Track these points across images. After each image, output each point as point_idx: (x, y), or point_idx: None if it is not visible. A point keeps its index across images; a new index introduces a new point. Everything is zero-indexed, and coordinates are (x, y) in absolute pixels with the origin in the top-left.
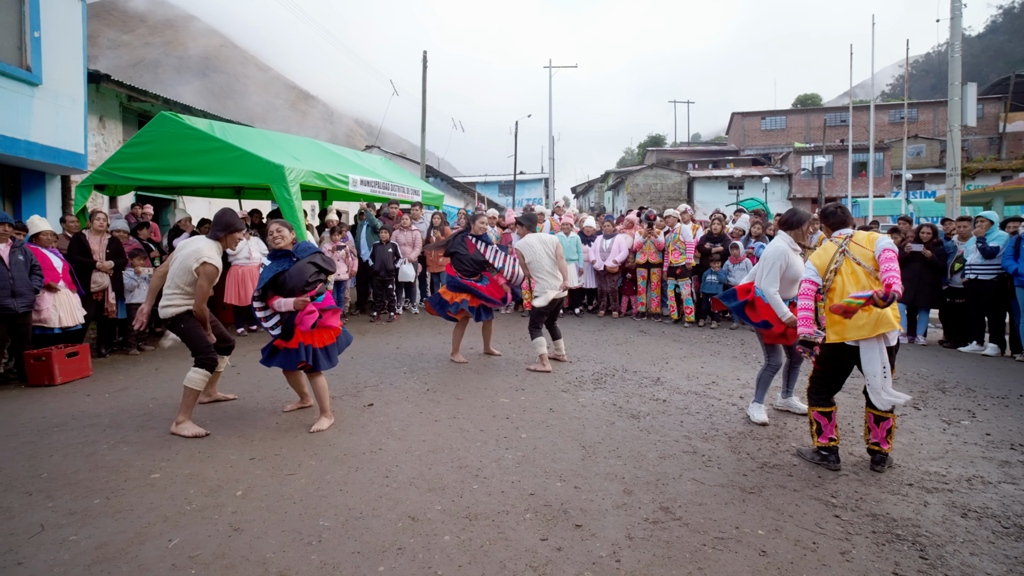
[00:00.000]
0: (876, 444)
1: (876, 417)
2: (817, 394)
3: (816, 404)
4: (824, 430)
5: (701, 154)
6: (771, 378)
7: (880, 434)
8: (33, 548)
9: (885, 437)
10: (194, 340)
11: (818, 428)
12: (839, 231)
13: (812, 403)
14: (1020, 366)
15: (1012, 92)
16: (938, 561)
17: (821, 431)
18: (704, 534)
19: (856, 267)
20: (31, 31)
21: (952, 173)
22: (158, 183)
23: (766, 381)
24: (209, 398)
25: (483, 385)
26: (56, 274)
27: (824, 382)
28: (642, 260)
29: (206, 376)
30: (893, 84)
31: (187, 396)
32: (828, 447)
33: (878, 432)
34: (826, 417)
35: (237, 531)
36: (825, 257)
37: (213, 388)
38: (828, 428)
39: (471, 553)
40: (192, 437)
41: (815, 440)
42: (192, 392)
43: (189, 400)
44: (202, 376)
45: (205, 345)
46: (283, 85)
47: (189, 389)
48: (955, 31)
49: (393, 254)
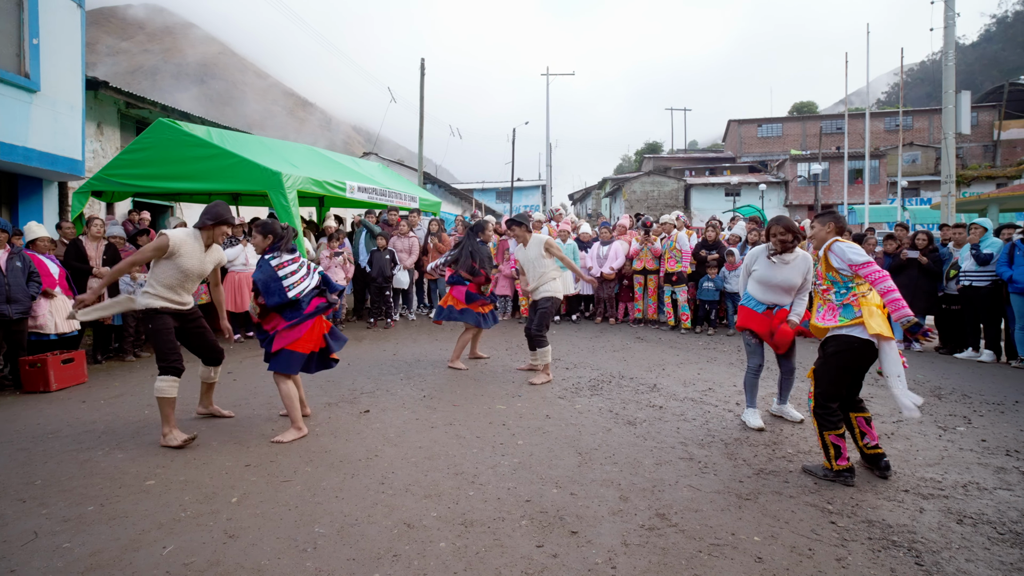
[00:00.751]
0: (876, 447)
1: (866, 419)
2: (830, 417)
3: (831, 428)
4: (843, 452)
5: (698, 161)
6: (754, 380)
7: (875, 434)
8: (26, 555)
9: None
10: (159, 344)
11: (836, 451)
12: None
13: (826, 428)
14: (1015, 372)
15: (1006, 100)
16: (934, 567)
17: (840, 454)
18: (700, 541)
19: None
20: (30, 38)
21: (947, 180)
22: (155, 190)
23: (751, 384)
24: (205, 410)
25: (480, 392)
26: (53, 280)
27: (836, 396)
28: (639, 267)
29: (172, 382)
30: (888, 92)
31: (162, 407)
32: (849, 468)
33: (872, 433)
34: (842, 439)
35: (232, 538)
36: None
37: (209, 400)
38: (845, 448)
39: (467, 560)
40: (182, 444)
41: (834, 464)
42: (165, 401)
43: (166, 411)
44: (168, 383)
45: (169, 350)
46: (281, 92)
47: (161, 399)
48: (949, 40)
49: (390, 260)
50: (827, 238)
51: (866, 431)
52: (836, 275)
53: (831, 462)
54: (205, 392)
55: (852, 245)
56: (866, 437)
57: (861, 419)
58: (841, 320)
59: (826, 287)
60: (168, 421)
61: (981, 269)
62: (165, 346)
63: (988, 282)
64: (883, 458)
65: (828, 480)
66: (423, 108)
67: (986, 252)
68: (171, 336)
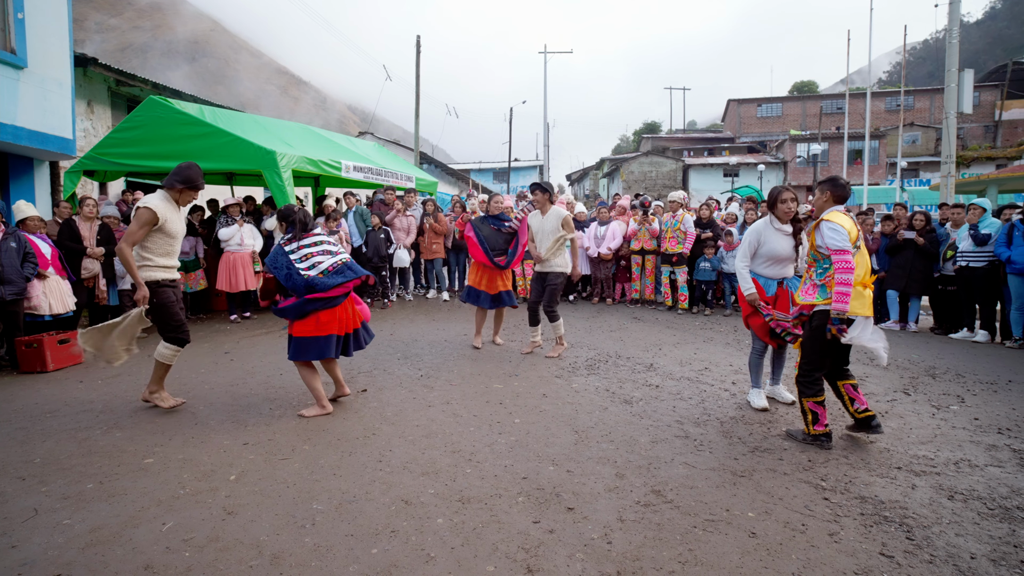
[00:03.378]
0: (866, 410)
1: (853, 386)
2: (812, 385)
3: (811, 396)
4: (820, 418)
5: (697, 141)
6: (759, 361)
7: (863, 399)
8: (27, 532)
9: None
10: (166, 317)
11: (815, 417)
12: (844, 205)
13: (806, 395)
14: (1010, 352)
15: (1009, 79)
16: (924, 542)
17: (818, 420)
18: (695, 517)
19: (864, 251)
20: (14, 12)
21: (947, 161)
22: (148, 169)
23: (755, 364)
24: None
25: (477, 371)
26: (45, 260)
27: (821, 366)
28: (636, 247)
29: (176, 351)
30: (890, 71)
31: (157, 369)
32: (826, 433)
33: (861, 398)
34: (821, 406)
35: (231, 514)
36: (853, 231)
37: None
38: (823, 415)
39: (464, 535)
40: (171, 408)
41: (811, 428)
42: (162, 366)
43: (160, 372)
44: (171, 351)
45: (177, 323)
46: (274, 70)
47: (159, 363)
48: (953, 16)
49: (386, 240)
50: (824, 207)
51: (855, 396)
52: (818, 253)
53: (808, 427)
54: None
55: (837, 228)
56: (856, 402)
57: (848, 386)
58: (819, 299)
59: (809, 263)
60: (158, 381)
61: (979, 250)
62: (173, 319)
63: (985, 263)
64: (873, 419)
65: (807, 443)
66: (419, 87)
67: (984, 233)
68: (176, 308)
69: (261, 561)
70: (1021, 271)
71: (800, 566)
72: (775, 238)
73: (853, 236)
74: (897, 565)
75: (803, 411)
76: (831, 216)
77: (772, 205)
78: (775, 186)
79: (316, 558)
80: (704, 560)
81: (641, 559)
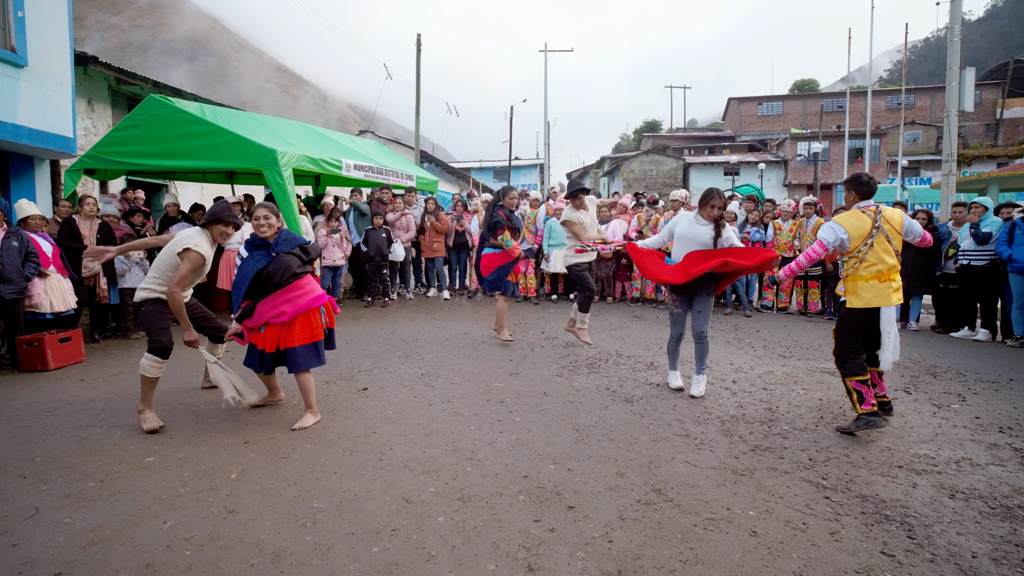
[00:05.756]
0: (884, 396)
1: (878, 373)
2: (848, 364)
3: (851, 374)
4: (866, 397)
5: (697, 140)
6: (676, 347)
7: (884, 386)
8: (28, 530)
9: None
10: (149, 323)
11: (859, 396)
12: (866, 202)
13: (847, 374)
14: (1011, 351)
15: (1010, 78)
16: (925, 540)
17: (863, 399)
18: (696, 515)
19: (887, 244)
20: (14, 11)
21: (948, 159)
22: (149, 167)
23: (672, 350)
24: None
25: (477, 370)
26: (46, 259)
27: (852, 348)
28: None
29: (157, 362)
30: (891, 69)
31: (142, 384)
32: (873, 412)
33: (883, 385)
34: (864, 384)
35: (232, 513)
36: (862, 229)
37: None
38: (869, 394)
39: (465, 534)
40: (148, 432)
41: (859, 408)
42: (146, 380)
43: (145, 388)
44: (152, 362)
45: (159, 329)
46: (275, 69)
47: (143, 377)
48: (955, 14)
49: (386, 239)
50: (851, 204)
51: (877, 383)
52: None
53: (856, 406)
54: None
55: (833, 227)
56: (876, 387)
57: (873, 372)
58: (840, 291)
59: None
60: (145, 399)
61: (980, 248)
62: (156, 324)
63: (986, 261)
64: (889, 403)
65: (861, 429)
66: (419, 85)
67: (985, 231)
68: (162, 317)
69: (262, 560)
70: (1022, 270)
71: (801, 565)
72: (695, 229)
73: (863, 233)
74: (898, 564)
75: (848, 391)
76: (840, 216)
77: (701, 204)
78: (709, 187)
79: (317, 556)
80: (705, 559)
81: (642, 558)
